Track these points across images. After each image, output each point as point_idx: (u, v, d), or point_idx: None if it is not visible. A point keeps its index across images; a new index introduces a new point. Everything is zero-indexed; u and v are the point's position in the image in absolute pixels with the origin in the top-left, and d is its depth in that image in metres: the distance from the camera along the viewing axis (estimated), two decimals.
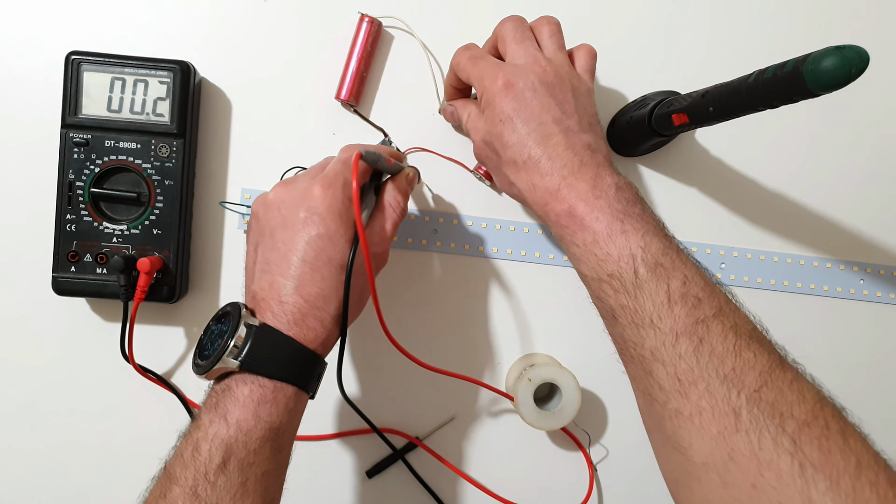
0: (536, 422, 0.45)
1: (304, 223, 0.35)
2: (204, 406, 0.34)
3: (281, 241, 0.36)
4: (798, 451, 0.28)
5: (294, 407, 0.35)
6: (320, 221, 0.35)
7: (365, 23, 0.46)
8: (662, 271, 0.33)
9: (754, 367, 0.31)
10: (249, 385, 0.33)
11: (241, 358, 0.33)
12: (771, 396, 0.30)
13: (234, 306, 0.35)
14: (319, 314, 0.35)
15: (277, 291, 0.35)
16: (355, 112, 0.48)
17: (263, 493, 0.33)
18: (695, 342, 0.31)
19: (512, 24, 0.41)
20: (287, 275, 0.35)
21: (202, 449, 0.32)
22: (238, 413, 0.33)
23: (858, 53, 0.28)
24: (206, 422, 0.33)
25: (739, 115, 0.36)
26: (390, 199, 0.40)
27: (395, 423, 0.50)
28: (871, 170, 0.51)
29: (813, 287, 0.51)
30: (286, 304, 0.35)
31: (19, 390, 0.48)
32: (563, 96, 0.38)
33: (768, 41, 0.50)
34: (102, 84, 0.44)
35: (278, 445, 0.34)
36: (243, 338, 0.33)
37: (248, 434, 0.32)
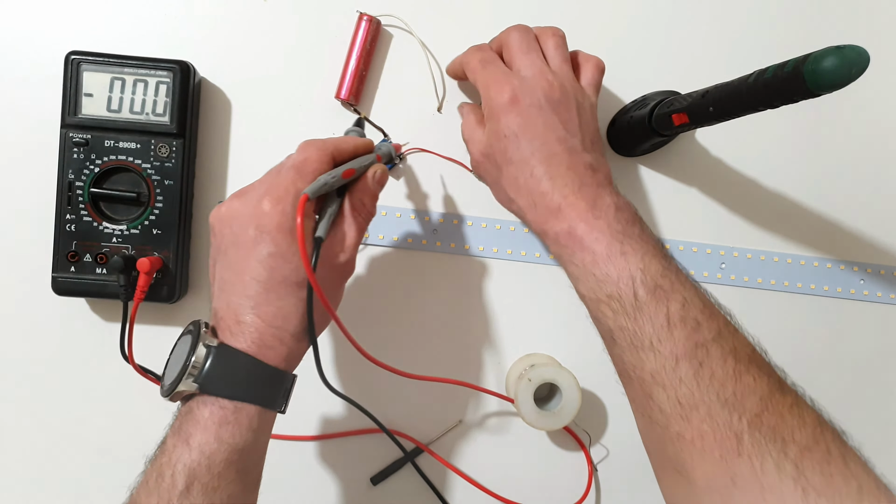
0: (536, 422, 0.45)
1: (255, 242, 0.33)
2: (170, 429, 0.34)
3: (234, 260, 0.34)
4: (801, 476, 0.28)
5: (259, 426, 0.33)
6: (271, 240, 0.33)
7: (364, 21, 0.46)
8: (662, 293, 0.33)
9: (755, 391, 0.31)
10: (210, 407, 0.32)
11: (199, 379, 0.32)
12: (772, 421, 0.30)
13: (196, 325, 0.34)
14: (279, 333, 0.34)
15: (235, 311, 0.34)
16: (355, 111, 0.48)
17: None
18: (695, 366, 0.31)
19: (518, 34, 0.41)
20: (242, 294, 0.33)
21: (165, 475, 0.31)
22: (200, 436, 0.32)
23: (859, 53, 0.28)
24: (169, 446, 0.32)
25: (739, 115, 0.36)
26: (355, 203, 0.37)
27: (396, 428, 0.50)
28: (871, 170, 0.51)
29: (813, 287, 0.51)
30: (244, 323, 0.33)
31: (19, 390, 0.48)
32: (568, 114, 0.38)
33: (768, 41, 0.49)
34: (102, 84, 0.44)
35: (243, 467, 0.33)
36: (202, 358, 0.32)
37: (210, 457, 0.32)
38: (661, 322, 0.32)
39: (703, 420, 0.30)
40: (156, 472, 0.32)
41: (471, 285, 0.50)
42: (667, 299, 0.33)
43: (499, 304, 0.50)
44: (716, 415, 0.30)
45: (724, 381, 0.31)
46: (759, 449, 0.29)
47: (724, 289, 0.51)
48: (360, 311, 0.49)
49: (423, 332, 0.50)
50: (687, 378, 0.31)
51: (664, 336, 0.32)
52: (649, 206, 0.50)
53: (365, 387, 0.50)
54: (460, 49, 0.48)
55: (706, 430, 0.30)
